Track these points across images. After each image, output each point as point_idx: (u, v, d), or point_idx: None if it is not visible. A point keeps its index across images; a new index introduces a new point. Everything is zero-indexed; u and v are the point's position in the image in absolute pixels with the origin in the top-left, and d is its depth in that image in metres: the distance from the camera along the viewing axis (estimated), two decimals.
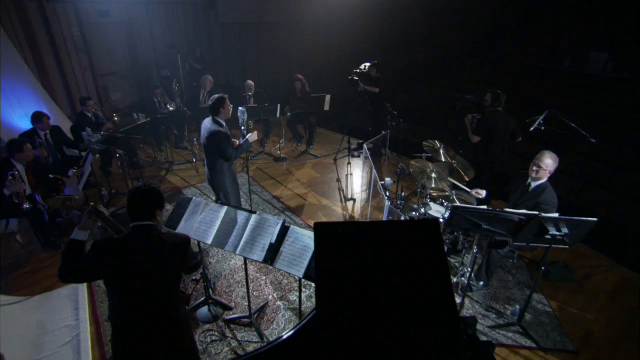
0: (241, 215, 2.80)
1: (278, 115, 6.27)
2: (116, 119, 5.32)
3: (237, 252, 2.67)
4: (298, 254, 2.53)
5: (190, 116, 6.32)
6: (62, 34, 7.11)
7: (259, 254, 2.60)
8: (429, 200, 3.65)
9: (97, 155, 5.47)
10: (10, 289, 3.49)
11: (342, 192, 5.40)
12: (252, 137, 3.80)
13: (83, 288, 3.46)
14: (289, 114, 6.40)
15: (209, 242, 2.77)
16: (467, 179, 3.88)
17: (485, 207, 2.68)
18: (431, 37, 6.68)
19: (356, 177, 5.89)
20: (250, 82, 6.60)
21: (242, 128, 3.81)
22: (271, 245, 2.61)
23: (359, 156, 6.57)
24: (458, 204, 3.09)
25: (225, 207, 2.87)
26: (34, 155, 3.90)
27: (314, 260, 2.44)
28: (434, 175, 3.69)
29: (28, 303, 3.27)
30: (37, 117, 4.50)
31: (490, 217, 2.63)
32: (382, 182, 3.46)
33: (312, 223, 4.57)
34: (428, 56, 6.85)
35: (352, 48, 7.51)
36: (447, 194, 3.25)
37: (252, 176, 5.85)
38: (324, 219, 4.68)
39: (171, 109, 6.16)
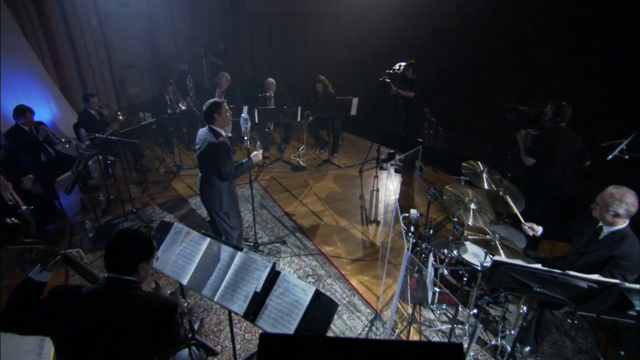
0: (225, 252, 2.42)
1: (299, 118, 5.88)
2: (121, 118, 5.16)
3: (216, 298, 2.29)
4: (286, 310, 2.10)
5: (201, 117, 6.05)
6: (79, 23, 7.12)
7: (240, 305, 2.20)
8: (466, 236, 3.09)
9: (100, 157, 5.35)
10: None
11: (364, 212, 4.91)
12: (257, 156, 3.44)
13: None
14: (310, 118, 5.99)
15: (185, 281, 2.40)
16: (515, 211, 3.29)
17: (539, 265, 2.11)
18: (477, 32, 6.00)
19: (383, 193, 5.37)
20: (271, 79, 6.26)
21: (245, 138, 3.43)
22: (255, 294, 2.20)
23: (388, 168, 6.04)
24: (501, 253, 2.53)
25: (208, 239, 2.49)
26: None
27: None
28: (472, 206, 3.12)
29: None
30: (20, 111, 4.32)
31: (546, 279, 2.06)
32: (406, 214, 2.94)
33: (325, 248, 4.14)
34: (473, 54, 6.18)
35: (387, 44, 6.96)
36: (487, 237, 2.69)
37: (264, 187, 5.49)
38: (339, 244, 4.23)
39: (183, 107, 5.94)
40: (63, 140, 4.49)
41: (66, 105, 6.20)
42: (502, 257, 2.49)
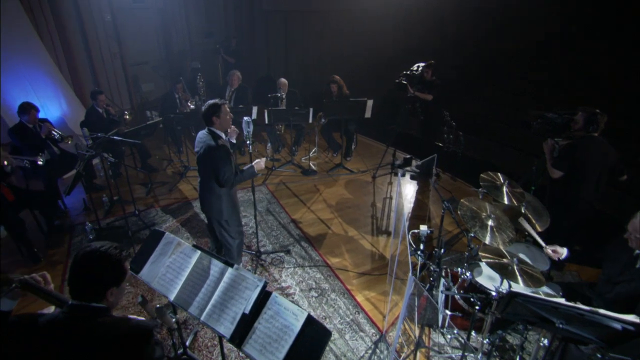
0: (215, 267, 2.29)
1: (310, 120, 5.73)
2: (127, 117, 5.13)
3: (202, 317, 2.16)
4: (275, 335, 1.96)
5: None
6: (93, 19, 7.19)
7: (227, 327, 2.07)
8: (480, 256, 2.86)
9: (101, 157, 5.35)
10: None
11: (375, 221, 4.72)
12: (260, 164, 3.32)
13: None
14: (322, 120, 5.83)
15: (172, 297, 2.29)
16: (538, 229, 3.06)
17: (562, 299, 1.89)
18: (501, 32, 5.69)
19: (397, 202, 5.16)
20: (283, 80, 6.14)
21: (247, 142, 3.30)
22: (244, 316, 2.06)
23: (404, 175, 5.82)
24: (519, 280, 2.30)
25: (198, 252, 2.37)
26: None
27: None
28: (490, 222, 2.90)
29: None
30: (24, 109, 4.34)
31: (572, 316, 1.84)
32: (416, 230, 2.74)
33: (331, 260, 3.98)
34: (497, 55, 5.87)
35: (406, 43, 6.71)
36: (504, 261, 2.47)
37: (272, 191, 5.37)
38: (347, 256, 4.06)
39: (191, 106, 5.88)
40: (65, 137, 4.49)
41: (76, 103, 6.24)
42: (519, 285, 2.26)
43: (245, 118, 3.26)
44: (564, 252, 2.69)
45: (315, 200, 5.18)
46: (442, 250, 2.68)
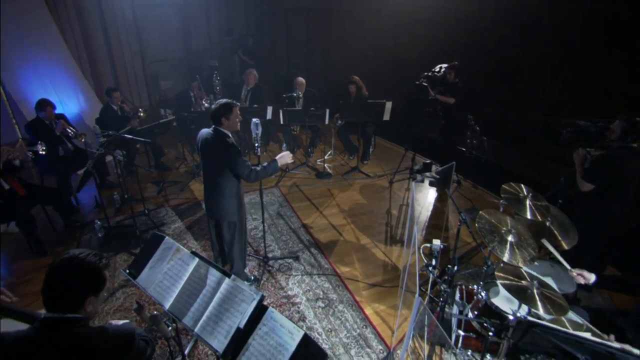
0: (212, 276, 2.22)
1: (327, 121, 5.63)
2: (142, 114, 5.16)
3: (196, 329, 2.09)
4: (269, 354, 1.86)
5: None
6: (114, 15, 7.32)
7: (221, 341, 1.99)
8: (495, 274, 2.68)
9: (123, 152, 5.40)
10: None
11: (389, 229, 4.57)
12: (284, 158, 3.21)
13: None
14: (339, 122, 5.71)
15: (167, 305, 2.23)
16: (564, 247, 2.85)
17: (588, 334, 1.71)
18: (530, 32, 5.41)
19: (414, 209, 4.98)
20: (300, 79, 6.05)
21: (256, 145, 3.23)
22: (238, 330, 1.98)
23: (422, 180, 5.64)
24: (539, 307, 2.11)
25: (196, 260, 2.31)
26: None
27: None
28: (510, 238, 2.72)
29: None
30: (41, 105, 4.42)
31: (599, 353, 1.66)
32: (428, 244, 2.59)
33: (341, 268, 3.87)
34: (525, 57, 5.59)
35: (429, 43, 6.50)
36: (524, 283, 2.28)
37: (284, 194, 5.30)
38: (357, 265, 3.94)
39: (206, 105, 5.87)
40: (78, 134, 4.55)
41: (94, 100, 6.36)
42: (539, 312, 2.08)
43: (254, 120, 3.19)
44: (591, 277, 2.47)
45: (328, 204, 5.07)
46: (455, 268, 2.52)
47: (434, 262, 2.49)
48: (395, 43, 7.29)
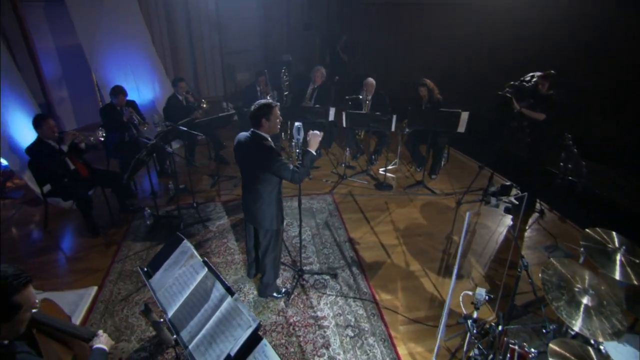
0: (216, 291, 2.16)
1: (393, 128, 5.33)
2: (204, 106, 5.38)
3: (190, 346, 2.04)
4: None
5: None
6: (198, 7, 7.78)
7: None
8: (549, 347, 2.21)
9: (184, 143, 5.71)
10: (33, 276, 3.75)
11: (446, 258, 4.16)
12: (314, 140, 2.99)
13: (84, 304, 3.42)
14: (406, 130, 5.38)
15: (170, 313, 2.23)
16: None
17: None
18: None
19: (480, 237, 4.49)
20: (370, 80, 5.82)
21: (297, 152, 3.11)
22: (228, 357, 1.88)
23: (497, 205, 5.04)
24: None
25: (205, 270, 2.27)
26: (56, 133, 4.03)
27: None
28: (585, 300, 2.24)
29: None
30: (115, 91, 4.85)
31: None
32: (469, 292, 2.22)
33: (381, 295, 3.61)
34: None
35: (520, 47, 5.75)
36: None
37: (337, 202, 5.14)
38: (400, 294, 3.63)
39: (270, 101, 5.93)
40: (142, 123, 4.87)
41: (169, 89, 6.81)
42: None
43: (297, 123, 3.08)
44: None
45: (382, 220, 4.79)
46: (500, 328, 2.12)
47: (475, 315, 2.13)
48: (486, 44, 6.62)
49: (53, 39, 6.46)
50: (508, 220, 4.84)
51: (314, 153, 3.00)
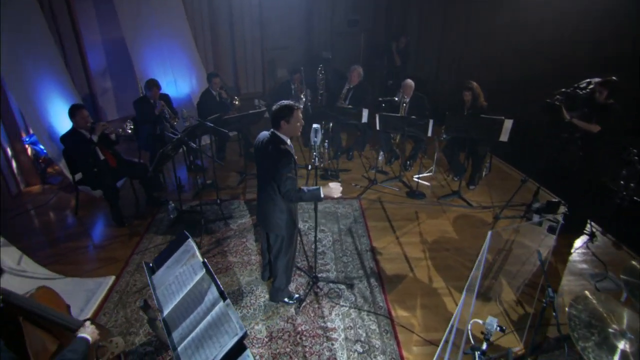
0: (210, 294, 2.16)
1: (429, 133, 5.12)
2: (236, 102, 5.46)
3: (179, 348, 2.05)
4: None
5: (311, 114, 5.89)
6: (241, 2, 7.92)
7: None
8: None
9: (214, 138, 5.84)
10: (58, 260, 3.98)
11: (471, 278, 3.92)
12: (333, 190, 2.92)
13: (100, 292, 3.56)
14: (443, 136, 5.15)
15: (165, 312, 2.25)
16: None
17: None
18: None
19: (515, 258, 4.21)
20: (409, 81, 5.63)
21: (314, 154, 3.05)
22: None
23: (540, 223, 4.72)
24: None
25: (202, 272, 2.27)
26: (89, 123, 4.22)
27: None
28: (622, 344, 2.01)
29: (55, 282, 3.59)
30: (149, 85, 5.04)
31: None
32: (479, 320, 2.05)
33: (397, 312, 3.47)
34: None
35: (581, 49, 5.28)
36: None
37: (363, 208, 5.03)
38: (418, 312, 3.47)
39: (303, 99, 5.93)
40: (172, 117, 5.02)
41: (206, 84, 6.99)
42: None
43: (315, 125, 3.02)
44: None
45: (409, 230, 4.62)
46: None
47: (484, 347, 1.96)
48: (546, 45, 6.15)
49: (100, 32, 6.84)
50: (551, 240, 4.49)
51: (322, 196, 2.90)
